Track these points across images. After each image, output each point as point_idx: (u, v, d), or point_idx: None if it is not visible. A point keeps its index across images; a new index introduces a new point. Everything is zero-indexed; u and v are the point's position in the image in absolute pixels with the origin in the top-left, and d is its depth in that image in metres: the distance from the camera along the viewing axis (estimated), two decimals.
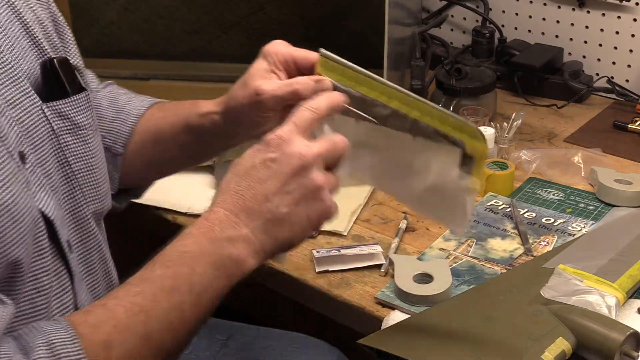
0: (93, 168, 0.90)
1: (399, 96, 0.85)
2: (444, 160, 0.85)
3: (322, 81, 0.88)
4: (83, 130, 0.89)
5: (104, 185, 0.93)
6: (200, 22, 1.69)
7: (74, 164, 0.88)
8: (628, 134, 1.45)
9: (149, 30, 1.70)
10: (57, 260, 0.83)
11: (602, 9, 1.57)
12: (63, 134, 0.86)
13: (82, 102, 0.89)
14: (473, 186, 0.86)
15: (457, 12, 1.76)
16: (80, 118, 0.88)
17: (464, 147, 0.85)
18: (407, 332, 0.94)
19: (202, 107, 1.01)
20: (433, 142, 0.85)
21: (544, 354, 0.87)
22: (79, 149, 0.88)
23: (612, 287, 0.97)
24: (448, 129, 0.85)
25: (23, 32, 0.86)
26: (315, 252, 1.12)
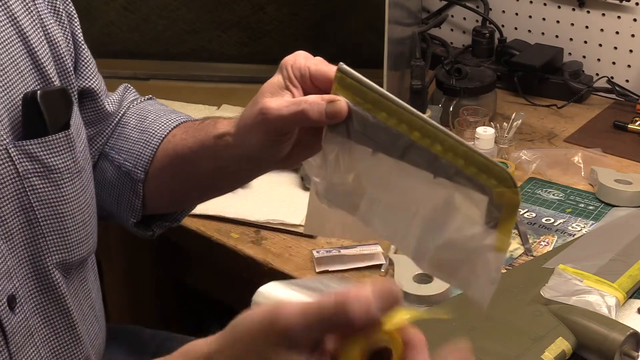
0: (63, 215, 0.82)
1: (421, 126, 0.71)
2: (467, 209, 0.69)
3: (335, 102, 0.73)
4: (56, 174, 0.81)
5: (76, 233, 0.85)
6: (200, 22, 1.68)
7: (38, 210, 0.80)
8: (628, 134, 1.45)
9: (149, 30, 1.70)
10: None
11: (602, 9, 1.57)
12: (30, 177, 0.79)
13: (60, 143, 0.81)
14: (501, 245, 0.69)
15: (457, 12, 1.76)
16: (55, 161, 0.81)
17: (491, 194, 0.68)
18: None
19: (219, 128, 0.88)
20: (456, 185, 0.70)
21: (544, 354, 0.87)
22: (47, 194, 0.81)
23: (612, 287, 0.97)
24: (473, 170, 0.69)
25: (25, 55, 0.80)
26: (315, 252, 1.12)
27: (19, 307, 0.79)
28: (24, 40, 0.81)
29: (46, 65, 0.82)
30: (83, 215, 0.86)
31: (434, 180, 0.71)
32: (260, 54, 1.70)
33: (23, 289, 0.81)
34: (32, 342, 0.82)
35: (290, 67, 0.79)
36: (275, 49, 1.69)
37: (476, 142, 1.29)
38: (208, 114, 1.55)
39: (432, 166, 0.71)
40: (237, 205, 1.23)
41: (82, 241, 0.87)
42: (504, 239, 0.68)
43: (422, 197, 0.72)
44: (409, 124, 0.72)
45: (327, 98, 0.74)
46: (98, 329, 0.94)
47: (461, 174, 0.69)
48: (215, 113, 1.56)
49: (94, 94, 0.94)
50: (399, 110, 0.72)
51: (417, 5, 1.62)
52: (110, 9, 1.69)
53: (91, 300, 0.92)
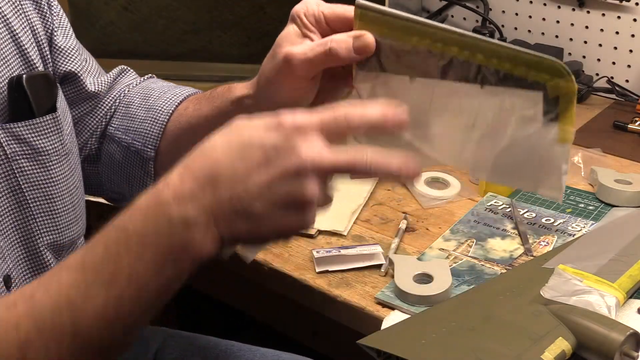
0: (52, 196, 0.83)
1: (457, 40, 0.70)
2: (523, 108, 0.69)
3: (362, 37, 0.72)
4: (44, 156, 0.81)
5: (66, 215, 0.85)
6: (200, 22, 1.69)
7: (27, 192, 0.81)
8: (628, 134, 1.45)
9: (149, 30, 1.70)
10: None
11: (602, 9, 1.57)
12: (18, 159, 0.79)
13: (48, 125, 0.82)
14: (564, 135, 0.69)
15: (457, 12, 1.76)
16: (43, 143, 0.81)
17: (545, 88, 0.68)
18: (407, 332, 0.94)
19: (235, 92, 0.87)
20: (506, 88, 0.69)
21: (544, 354, 0.87)
22: (35, 176, 0.81)
23: (612, 287, 0.97)
24: (522, 69, 0.69)
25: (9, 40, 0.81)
26: (315, 252, 1.12)
27: (14, 287, 0.80)
28: (8, 27, 0.81)
29: (29, 50, 0.83)
30: (72, 197, 0.86)
31: (483, 90, 0.70)
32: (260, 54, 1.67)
33: (17, 269, 0.81)
34: None
35: (304, 15, 0.77)
36: None
37: None
38: None
39: (477, 77, 0.70)
40: None
41: (71, 222, 0.87)
42: (567, 128, 0.68)
43: (473, 110, 0.71)
44: (444, 41, 0.70)
45: (353, 34, 0.73)
46: None
47: (510, 77, 0.69)
48: None
49: (73, 76, 0.94)
50: (431, 29, 0.71)
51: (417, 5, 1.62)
52: (110, 9, 1.69)
53: None
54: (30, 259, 0.83)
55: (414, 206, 1.25)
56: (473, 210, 1.22)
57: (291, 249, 1.15)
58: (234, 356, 1.08)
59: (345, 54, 0.72)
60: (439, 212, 1.24)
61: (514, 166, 0.72)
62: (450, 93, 0.72)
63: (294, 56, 0.75)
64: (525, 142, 0.70)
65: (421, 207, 1.25)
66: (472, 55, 0.70)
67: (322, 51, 0.73)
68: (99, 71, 1.01)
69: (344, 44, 0.72)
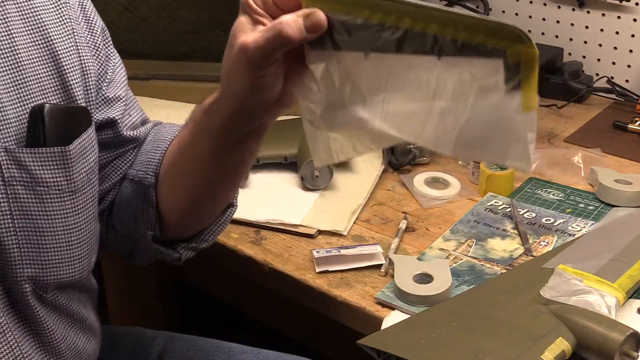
0: (41, 230, 0.80)
1: (410, 11, 0.67)
2: (483, 77, 0.66)
3: (312, 14, 0.70)
4: (42, 187, 0.79)
5: (55, 252, 0.82)
6: (200, 22, 1.69)
7: (17, 219, 0.78)
8: (628, 134, 1.45)
9: (149, 30, 1.70)
10: None
11: (602, 9, 1.57)
12: (15, 184, 0.77)
13: (53, 157, 0.79)
14: (528, 103, 0.65)
15: None
16: (44, 174, 0.79)
17: (505, 55, 0.64)
18: (407, 332, 0.94)
19: (205, 101, 0.87)
20: (465, 58, 0.66)
21: (544, 354, 0.87)
22: (28, 205, 0.78)
23: (612, 287, 0.97)
24: (480, 37, 0.65)
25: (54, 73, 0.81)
26: (315, 252, 1.12)
27: None
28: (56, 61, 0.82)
29: (74, 87, 0.83)
30: (69, 236, 0.83)
31: (441, 61, 0.67)
32: None
33: None
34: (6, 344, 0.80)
35: (252, 1, 0.74)
36: None
37: None
38: None
39: (434, 48, 0.67)
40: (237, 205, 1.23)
41: (62, 262, 0.83)
42: (531, 95, 0.65)
43: (432, 83, 0.68)
44: (397, 13, 0.68)
45: (301, 13, 0.70)
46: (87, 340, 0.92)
47: (468, 46, 0.65)
48: None
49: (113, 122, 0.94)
50: (381, 2, 0.68)
51: None
52: (110, 9, 1.69)
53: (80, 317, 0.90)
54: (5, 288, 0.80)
55: (414, 206, 1.25)
56: (473, 210, 1.22)
57: (291, 248, 1.15)
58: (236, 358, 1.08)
59: (297, 35, 0.70)
60: (439, 212, 1.24)
61: (479, 138, 0.69)
62: (407, 67, 0.69)
63: (247, 45, 0.73)
64: (489, 112, 0.67)
65: (421, 207, 1.25)
66: (426, 26, 0.67)
67: (273, 35, 0.71)
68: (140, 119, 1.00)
69: (294, 24, 0.70)
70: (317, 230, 1.18)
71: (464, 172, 1.34)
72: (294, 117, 1.50)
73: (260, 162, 1.34)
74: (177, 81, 1.71)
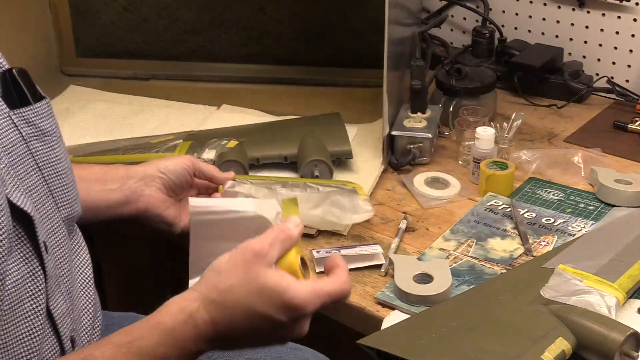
0: (61, 173, 0.91)
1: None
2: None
3: None
4: (48, 137, 0.89)
5: (73, 190, 0.94)
6: (200, 22, 1.69)
7: (44, 170, 0.88)
8: (628, 134, 1.45)
9: (149, 30, 1.70)
10: (34, 260, 0.83)
11: (602, 9, 1.57)
12: (32, 140, 0.87)
13: (45, 109, 0.90)
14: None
15: (457, 12, 1.76)
16: (45, 124, 0.89)
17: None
18: (407, 332, 0.94)
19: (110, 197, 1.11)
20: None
21: (544, 354, 0.87)
22: (47, 155, 0.89)
23: (612, 287, 0.97)
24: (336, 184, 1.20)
25: None
26: (315, 252, 1.12)
27: (50, 254, 0.86)
28: None
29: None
30: (72, 175, 0.95)
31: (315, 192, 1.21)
32: (260, 54, 1.70)
33: (51, 239, 0.87)
34: (59, 291, 0.87)
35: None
36: (275, 49, 1.69)
37: (476, 142, 1.29)
38: (208, 114, 1.55)
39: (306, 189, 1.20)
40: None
41: (77, 197, 0.95)
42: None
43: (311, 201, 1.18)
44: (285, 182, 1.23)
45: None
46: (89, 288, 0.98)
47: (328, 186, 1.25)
48: (215, 113, 1.56)
49: None
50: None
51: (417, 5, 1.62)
52: (110, 9, 1.69)
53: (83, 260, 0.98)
54: (53, 233, 0.89)
55: (414, 206, 1.25)
56: (473, 210, 1.22)
57: None
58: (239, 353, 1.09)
59: None
60: (439, 212, 1.24)
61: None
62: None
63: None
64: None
65: (421, 207, 1.25)
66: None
67: None
68: None
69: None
70: (317, 230, 1.18)
71: (464, 172, 1.34)
72: (294, 117, 1.51)
73: (260, 161, 1.34)
74: (177, 81, 1.71)
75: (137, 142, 1.42)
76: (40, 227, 0.84)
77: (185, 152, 1.34)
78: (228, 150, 1.32)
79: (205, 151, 1.34)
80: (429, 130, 1.35)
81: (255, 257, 0.81)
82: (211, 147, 1.34)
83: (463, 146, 1.36)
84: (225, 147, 1.33)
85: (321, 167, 1.28)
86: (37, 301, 0.83)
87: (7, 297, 0.78)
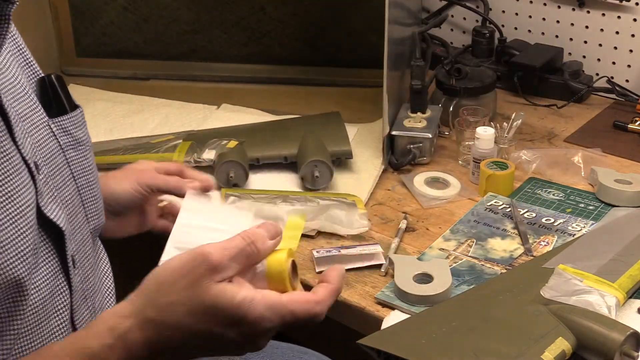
0: (92, 184, 0.91)
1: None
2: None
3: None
4: (82, 146, 0.89)
5: (101, 201, 0.94)
6: (200, 22, 1.69)
7: (78, 180, 0.88)
8: (628, 134, 1.45)
9: (149, 30, 1.70)
10: (60, 275, 0.82)
11: (602, 9, 1.57)
12: (68, 149, 0.87)
13: (80, 119, 0.90)
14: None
15: (457, 12, 1.76)
16: (80, 134, 0.89)
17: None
18: (407, 332, 0.94)
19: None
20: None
21: (544, 354, 0.87)
22: (81, 165, 0.89)
23: (612, 287, 0.97)
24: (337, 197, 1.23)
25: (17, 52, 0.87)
26: (315, 252, 1.12)
27: (78, 268, 0.85)
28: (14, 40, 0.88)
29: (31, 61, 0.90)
30: (99, 184, 0.94)
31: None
32: (260, 54, 1.70)
33: (79, 252, 0.86)
34: (85, 305, 0.87)
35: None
36: (275, 49, 1.69)
37: (476, 142, 1.29)
38: (208, 114, 1.55)
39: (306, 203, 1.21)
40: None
41: (103, 208, 0.95)
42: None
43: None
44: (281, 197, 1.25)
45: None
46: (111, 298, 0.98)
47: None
48: (215, 112, 1.56)
49: None
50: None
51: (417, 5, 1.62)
52: (110, 9, 1.70)
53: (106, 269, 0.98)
54: (82, 244, 0.88)
55: (414, 206, 1.25)
56: (473, 210, 1.22)
57: None
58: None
59: None
60: (439, 212, 1.24)
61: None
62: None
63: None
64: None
65: (421, 207, 1.25)
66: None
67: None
68: None
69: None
70: (317, 231, 1.18)
71: (464, 172, 1.34)
72: (294, 117, 1.51)
73: (260, 162, 1.34)
74: (177, 81, 1.72)
75: (137, 142, 1.42)
76: (70, 240, 0.83)
77: (185, 152, 1.34)
78: (228, 151, 1.32)
79: (205, 151, 1.34)
80: (429, 130, 1.35)
81: (209, 272, 0.71)
82: (211, 148, 1.34)
83: (463, 146, 1.36)
84: (225, 148, 1.33)
85: (321, 167, 1.28)
86: (63, 317, 0.82)
87: (32, 313, 0.77)
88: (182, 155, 1.34)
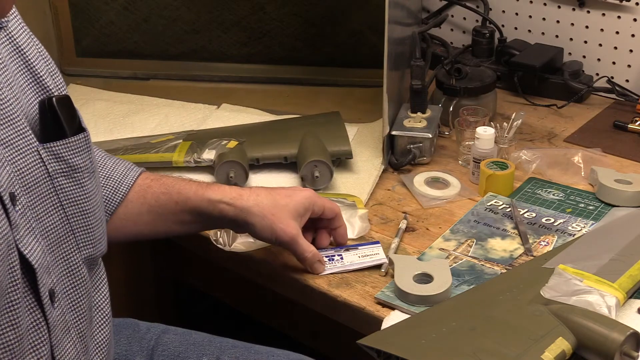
0: (87, 212, 0.87)
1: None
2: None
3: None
4: (79, 173, 0.86)
5: (98, 229, 0.90)
6: (200, 22, 1.69)
7: (67, 208, 0.85)
8: (628, 134, 1.45)
9: (149, 30, 1.70)
10: (37, 311, 0.79)
11: (602, 9, 1.57)
12: (58, 177, 0.83)
13: (80, 144, 0.86)
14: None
15: (457, 12, 1.76)
16: (77, 160, 0.85)
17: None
18: (407, 332, 0.94)
19: (212, 194, 1.05)
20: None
21: (544, 354, 0.87)
22: (73, 193, 0.85)
23: (612, 287, 0.97)
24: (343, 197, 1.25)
25: (24, 68, 0.85)
26: None
27: (57, 302, 0.82)
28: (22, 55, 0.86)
29: (44, 78, 0.87)
30: (101, 211, 0.91)
31: None
32: (260, 54, 1.70)
33: (59, 284, 0.84)
34: (69, 337, 0.85)
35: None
36: (275, 49, 1.69)
37: (476, 142, 1.29)
38: (208, 114, 1.55)
39: None
40: None
41: (102, 236, 0.92)
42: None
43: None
44: None
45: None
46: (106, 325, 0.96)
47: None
48: (215, 112, 1.56)
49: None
50: None
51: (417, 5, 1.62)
52: (110, 9, 1.69)
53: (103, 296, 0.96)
54: (70, 274, 0.86)
55: (414, 206, 1.25)
56: (473, 210, 1.22)
57: None
58: (228, 352, 1.08)
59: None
60: (439, 212, 1.24)
61: None
62: None
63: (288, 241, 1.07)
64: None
65: (421, 207, 1.25)
66: None
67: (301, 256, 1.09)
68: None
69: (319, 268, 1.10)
70: None
71: (464, 172, 1.34)
72: (294, 117, 1.51)
73: (260, 162, 1.34)
74: (177, 81, 1.71)
75: (137, 142, 1.42)
76: (47, 274, 0.80)
77: (185, 152, 1.34)
78: (228, 151, 1.32)
79: (205, 151, 1.34)
80: (429, 130, 1.35)
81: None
82: (211, 148, 1.34)
83: (463, 146, 1.36)
84: (225, 148, 1.33)
85: (321, 167, 1.28)
86: (40, 352, 0.80)
87: (8, 350, 0.75)
88: (182, 155, 1.34)
